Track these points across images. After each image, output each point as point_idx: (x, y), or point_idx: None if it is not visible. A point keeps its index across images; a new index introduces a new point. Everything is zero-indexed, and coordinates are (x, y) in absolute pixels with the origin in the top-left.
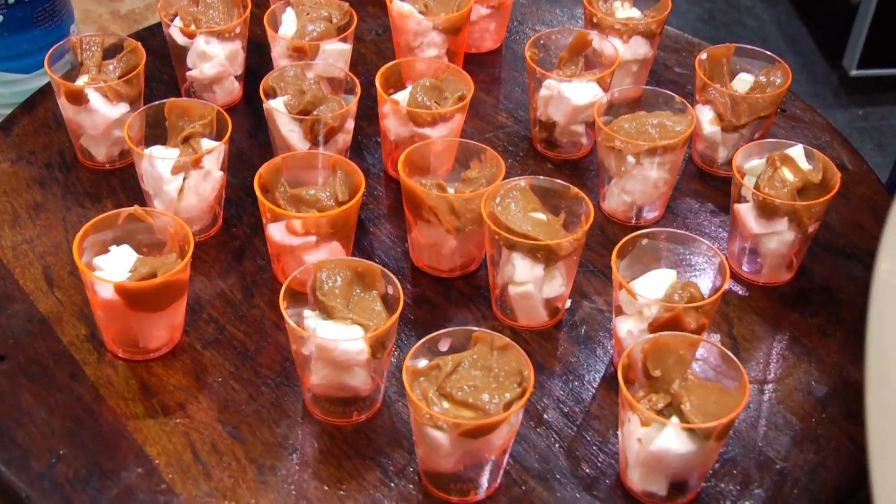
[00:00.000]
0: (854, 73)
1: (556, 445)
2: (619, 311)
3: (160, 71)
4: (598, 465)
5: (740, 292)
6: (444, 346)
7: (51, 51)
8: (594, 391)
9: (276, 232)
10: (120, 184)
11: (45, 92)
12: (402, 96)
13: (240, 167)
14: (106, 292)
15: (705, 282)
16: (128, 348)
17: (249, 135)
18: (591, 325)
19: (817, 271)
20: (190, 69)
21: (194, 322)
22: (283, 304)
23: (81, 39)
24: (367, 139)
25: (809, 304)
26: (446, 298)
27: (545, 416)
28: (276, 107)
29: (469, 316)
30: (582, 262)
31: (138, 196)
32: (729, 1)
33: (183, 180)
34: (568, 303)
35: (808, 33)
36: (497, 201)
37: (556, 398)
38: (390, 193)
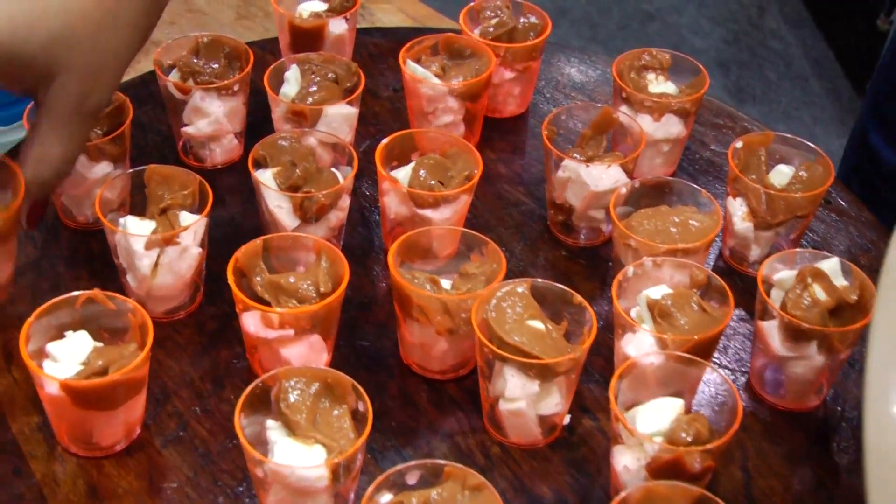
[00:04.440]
0: None
1: None
2: (617, 441)
3: (158, 120)
4: None
5: (761, 416)
6: (411, 479)
7: (31, 105)
8: None
9: (250, 322)
10: (99, 248)
11: None
12: (405, 173)
13: (230, 235)
14: (52, 388)
15: (718, 413)
16: (79, 444)
17: (244, 199)
18: (591, 446)
19: (851, 398)
20: (186, 125)
21: (157, 414)
22: (237, 421)
23: None
24: (370, 212)
25: (838, 437)
26: (434, 403)
27: None
28: (264, 180)
29: (457, 426)
30: (587, 370)
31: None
32: (753, 23)
33: (157, 256)
34: (567, 418)
35: (835, 57)
36: (491, 306)
37: None
38: (389, 275)
